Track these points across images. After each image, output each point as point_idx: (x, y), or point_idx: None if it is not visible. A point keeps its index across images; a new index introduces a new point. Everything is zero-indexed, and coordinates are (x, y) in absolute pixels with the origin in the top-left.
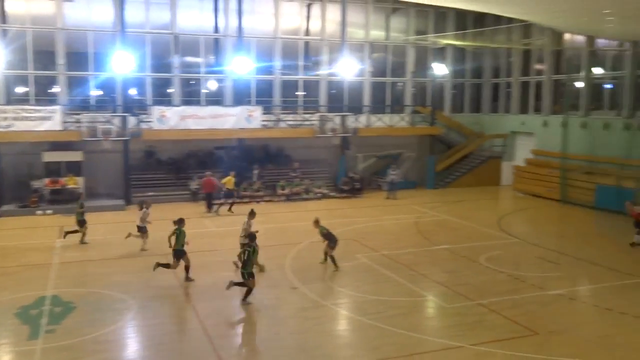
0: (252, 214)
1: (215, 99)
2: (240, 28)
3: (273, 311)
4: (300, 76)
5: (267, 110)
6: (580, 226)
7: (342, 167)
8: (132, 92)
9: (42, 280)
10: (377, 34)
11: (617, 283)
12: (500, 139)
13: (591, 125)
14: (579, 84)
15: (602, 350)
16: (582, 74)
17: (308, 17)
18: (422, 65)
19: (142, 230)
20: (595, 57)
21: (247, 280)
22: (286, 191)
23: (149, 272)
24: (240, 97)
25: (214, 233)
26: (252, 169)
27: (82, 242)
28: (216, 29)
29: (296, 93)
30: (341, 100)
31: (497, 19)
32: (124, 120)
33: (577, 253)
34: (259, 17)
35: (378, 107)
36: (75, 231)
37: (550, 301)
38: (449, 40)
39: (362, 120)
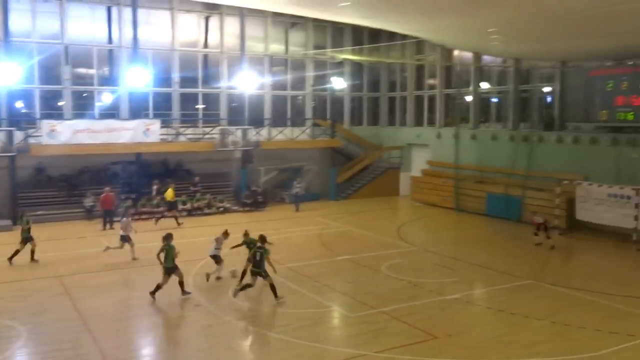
0: (226, 234)
1: (111, 112)
2: (135, 39)
3: (177, 330)
4: (200, 89)
5: (166, 123)
6: (473, 233)
7: (244, 181)
8: (19, 105)
9: None
10: (276, 47)
11: (508, 285)
12: (397, 151)
13: (480, 137)
14: (469, 98)
15: (496, 349)
16: (471, 88)
17: (206, 30)
18: (321, 79)
19: (125, 239)
20: (483, 73)
21: (267, 278)
22: (187, 206)
23: (41, 295)
24: (137, 111)
25: (110, 253)
26: (151, 184)
27: (33, 259)
28: (110, 40)
29: (196, 106)
30: (242, 113)
31: (392, 35)
32: (9, 134)
33: (470, 258)
34: (155, 28)
35: (279, 120)
36: (17, 252)
37: (448, 305)
38: (346, 55)
39: (264, 133)
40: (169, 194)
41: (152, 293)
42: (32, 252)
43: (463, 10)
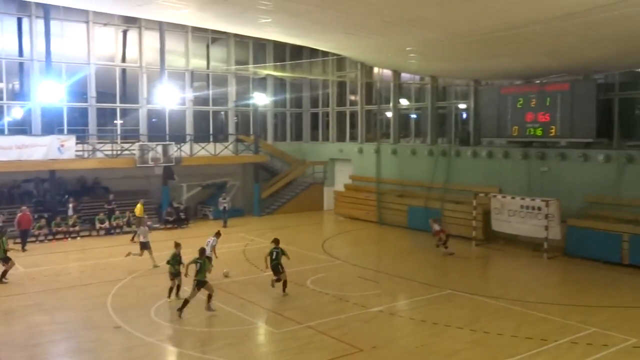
0: (218, 234)
1: (21, 128)
2: (48, 52)
3: (95, 354)
4: (118, 104)
5: (82, 139)
6: (395, 245)
7: (166, 198)
8: None
9: None
10: (198, 62)
11: (429, 296)
12: (321, 166)
13: (400, 151)
14: (389, 114)
15: (420, 358)
16: (391, 105)
17: (124, 44)
18: (244, 95)
19: (145, 246)
20: (402, 90)
21: (282, 273)
22: (105, 225)
23: None
24: (51, 126)
25: (23, 274)
26: (67, 202)
27: (3, 280)
28: (21, 52)
29: (114, 122)
30: (163, 129)
31: (314, 52)
32: None
33: (393, 270)
34: (69, 41)
35: (202, 136)
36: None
37: (372, 318)
38: (269, 71)
39: (186, 149)
40: (138, 209)
41: (180, 310)
42: (5, 272)
43: (382, 30)
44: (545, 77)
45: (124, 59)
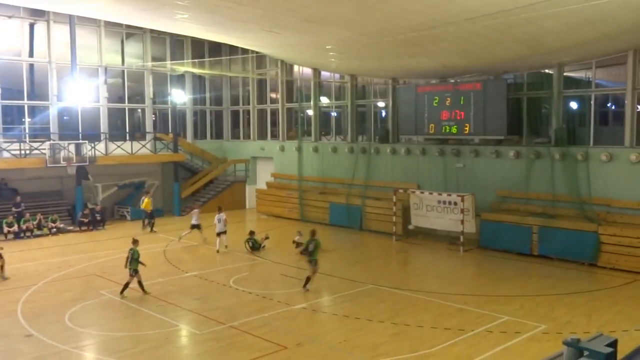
0: (220, 209)
1: None
2: None
3: None
4: (26, 101)
5: None
6: None
7: (80, 199)
8: None
9: None
10: (112, 58)
11: (351, 291)
12: (242, 164)
13: (322, 149)
14: (310, 112)
15: (343, 353)
16: (312, 102)
17: (32, 38)
18: (162, 92)
19: (197, 227)
20: (322, 88)
21: (313, 267)
22: (14, 228)
23: None
24: None
25: None
26: None
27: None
28: None
29: (22, 120)
30: (75, 127)
31: (233, 49)
32: None
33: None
34: None
35: (117, 134)
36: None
37: (296, 315)
38: (187, 68)
39: (100, 148)
40: (146, 203)
41: (304, 286)
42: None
43: (300, 28)
44: (459, 76)
45: (31, 54)
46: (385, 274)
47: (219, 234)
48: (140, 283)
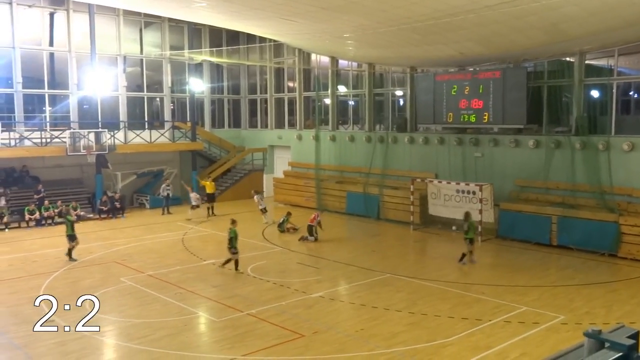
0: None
1: None
2: None
3: (27, 350)
4: (47, 90)
5: (8, 127)
6: (335, 231)
7: (100, 187)
8: None
9: None
10: (131, 47)
11: (368, 280)
12: (260, 153)
13: (339, 138)
14: (327, 101)
15: (360, 342)
16: (329, 91)
17: (52, 27)
18: (180, 81)
19: (264, 210)
20: (340, 77)
21: (469, 245)
22: (36, 216)
23: None
24: None
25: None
26: None
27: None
28: None
29: (43, 108)
30: (95, 116)
31: (251, 38)
32: None
33: (333, 256)
34: None
35: (136, 122)
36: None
37: (313, 304)
38: (205, 57)
39: (120, 136)
40: (210, 186)
41: (461, 259)
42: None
43: (318, 17)
44: (478, 64)
45: (51, 43)
46: (402, 263)
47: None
48: (236, 262)
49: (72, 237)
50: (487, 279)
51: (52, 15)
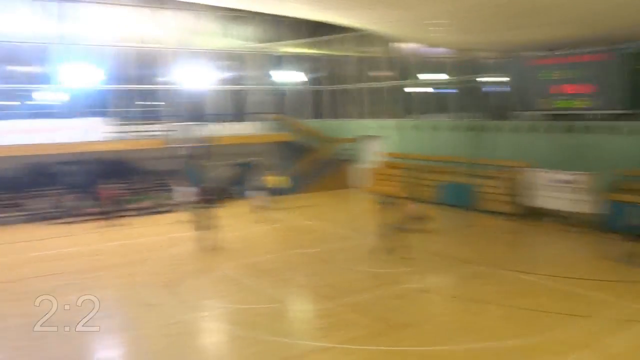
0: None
1: (49, 112)
2: (71, 35)
3: (132, 332)
4: (143, 85)
5: (109, 121)
6: (429, 222)
7: (194, 178)
8: None
9: None
10: (222, 41)
11: (461, 272)
12: (349, 143)
13: (429, 127)
14: (420, 89)
15: (452, 334)
16: (417, 79)
17: (147, 24)
18: (268, 73)
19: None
20: (428, 64)
21: None
22: (136, 205)
23: None
24: (78, 109)
25: (64, 254)
26: (97, 183)
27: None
28: (44, 36)
29: (140, 103)
30: (190, 109)
31: (334, 27)
32: None
33: (425, 247)
34: (93, 24)
35: (227, 115)
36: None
37: (405, 295)
38: (294, 48)
39: (213, 129)
40: (275, 180)
41: None
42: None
43: (403, 3)
44: (573, 48)
45: (147, 40)
46: (496, 255)
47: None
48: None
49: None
50: (586, 273)
51: (147, 13)
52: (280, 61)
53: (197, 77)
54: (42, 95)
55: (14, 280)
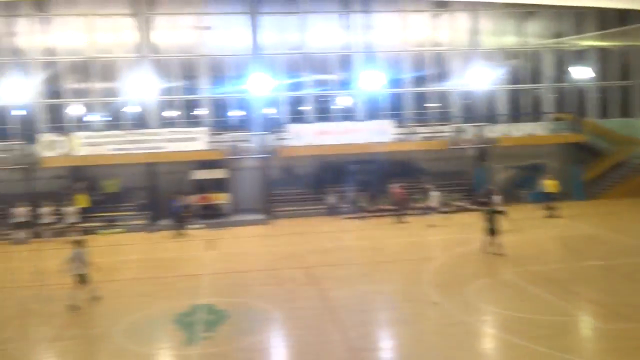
0: None
1: (347, 115)
2: (368, 44)
3: (414, 326)
4: (431, 88)
5: (399, 123)
6: None
7: (479, 180)
8: (269, 111)
9: (195, 289)
10: (510, 39)
11: None
12: None
13: None
14: None
15: None
16: None
17: (437, 28)
18: (561, 70)
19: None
20: None
21: None
22: (421, 205)
23: (292, 284)
24: (372, 112)
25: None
26: (386, 182)
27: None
28: (346, 46)
29: (427, 105)
30: (476, 110)
31: (625, 17)
32: (262, 138)
33: None
34: (385, 31)
35: (515, 115)
36: None
37: None
38: (590, 42)
39: (499, 129)
40: (551, 185)
41: None
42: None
43: None
44: None
45: (435, 43)
46: None
47: None
48: None
49: (491, 231)
50: None
51: (436, 17)
52: (577, 56)
53: (484, 77)
54: (342, 100)
55: (319, 265)
